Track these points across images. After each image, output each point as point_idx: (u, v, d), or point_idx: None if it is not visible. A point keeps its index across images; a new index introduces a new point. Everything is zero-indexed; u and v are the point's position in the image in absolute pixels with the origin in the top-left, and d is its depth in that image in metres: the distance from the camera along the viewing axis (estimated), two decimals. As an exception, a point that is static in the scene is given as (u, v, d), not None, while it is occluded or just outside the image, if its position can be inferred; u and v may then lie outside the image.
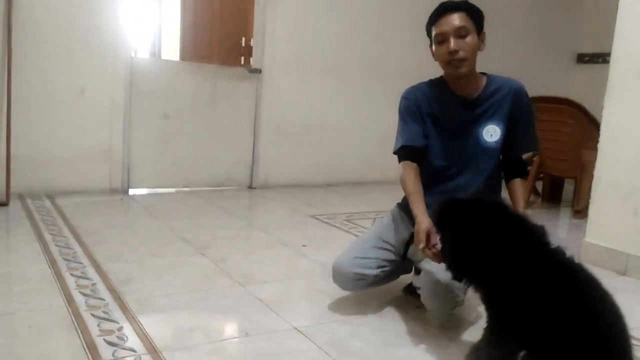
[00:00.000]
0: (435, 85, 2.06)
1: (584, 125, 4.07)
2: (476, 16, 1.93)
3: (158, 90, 4.13)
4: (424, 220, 1.82)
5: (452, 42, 1.88)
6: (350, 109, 4.90)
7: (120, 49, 3.87)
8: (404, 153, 2.03)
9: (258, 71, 4.47)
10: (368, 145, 4.93)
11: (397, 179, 2.03)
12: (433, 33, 1.95)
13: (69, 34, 3.67)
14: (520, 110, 2.01)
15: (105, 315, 1.91)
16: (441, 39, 1.92)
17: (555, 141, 4.27)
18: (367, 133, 4.94)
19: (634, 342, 1.40)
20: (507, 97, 1.99)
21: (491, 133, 1.99)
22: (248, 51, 4.67)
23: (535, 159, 4.69)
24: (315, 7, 4.61)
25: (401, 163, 2.03)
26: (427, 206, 1.87)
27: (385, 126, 5.08)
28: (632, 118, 2.83)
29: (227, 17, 5.66)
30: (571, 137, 4.14)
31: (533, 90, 4.75)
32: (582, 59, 5.99)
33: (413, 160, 2.01)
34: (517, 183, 2.05)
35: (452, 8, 1.91)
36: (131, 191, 4.06)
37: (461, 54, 1.89)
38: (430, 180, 2.01)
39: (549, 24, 5.83)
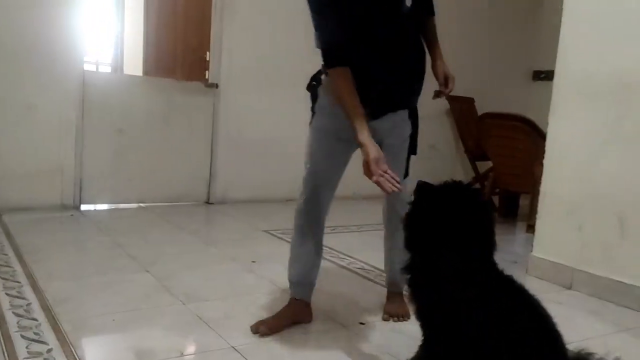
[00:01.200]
0: None
1: (536, 142, 4.14)
2: None
3: (112, 105, 4.07)
4: (372, 149, 1.74)
5: None
6: (307, 122, 4.90)
7: (71, 63, 3.80)
8: (329, 55, 1.88)
9: (215, 85, 4.45)
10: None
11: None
12: None
13: (17, 46, 3.60)
14: None
15: (36, 337, 1.85)
16: None
17: (510, 157, 4.35)
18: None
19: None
20: None
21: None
22: (210, 64, 4.66)
23: (490, 174, 4.76)
24: (272, 19, 4.61)
25: (330, 71, 1.87)
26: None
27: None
28: (574, 135, 2.89)
29: (190, 30, 5.64)
30: (524, 153, 4.21)
31: (491, 107, 4.88)
32: (538, 75, 6.13)
33: (343, 64, 1.83)
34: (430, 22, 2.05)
35: None
36: (84, 207, 3.98)
37: None
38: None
39: (505, 42, 5.95)
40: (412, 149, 2.10)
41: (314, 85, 2.17)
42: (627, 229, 2.66)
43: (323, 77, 2.08)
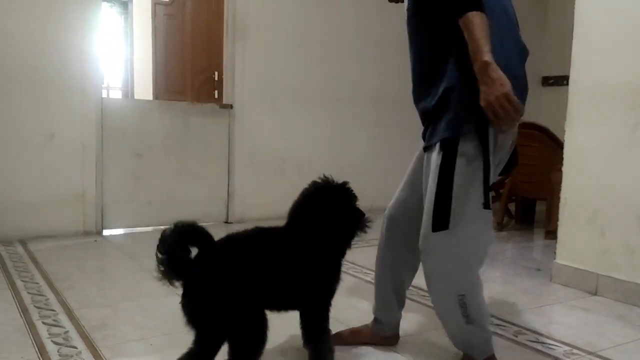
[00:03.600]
0: None
1: (550, 148, 4.17)
2: None
3: (129, 130, 4.14)
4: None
5: None
6: (324, 138, 4.95)
7: (90, 90, 3.88)
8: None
9: (229, 106, 4.52)
10: (344, 173, 4.94)
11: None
12: None
13: (37, 76, 3.68)
14: None
15: (78, 364, 1.89)
16: None
17: (525, 165, 4.35)
18: (343, 161, 4.99)
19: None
20: None
21: None
22: (221, 85, 4.72)
23: (507, 181, 4.78)
24: (284, 38, 4.69)
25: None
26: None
27: (359, 154, 5.17)
28: (592, 142, 2.92)
29: (198, 51, 5.73)
30: (539, 160, 4.23)
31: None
32: (547, 81, 6.16)
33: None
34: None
35: None
36: (106, 232, 4.03)
37: None
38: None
39: (513, 49, 5.99)
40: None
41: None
42: (650, 232, 2.68)
43: None
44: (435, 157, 1.71)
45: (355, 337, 2.11)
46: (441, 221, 1.67)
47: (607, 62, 2.88)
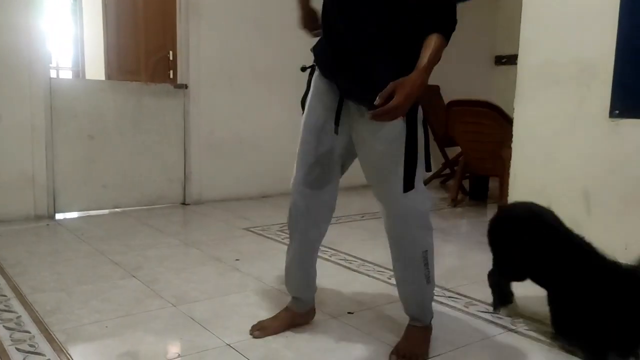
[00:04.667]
0: None
1: (502, 126, 4.27)
2: None
3: (81, 111, 4.03)
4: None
5: None
6: (282, 118, 4.92)
7: (38, 71, 3.75)
8: None
9: (184, 86, 4.45)
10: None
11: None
12: None
13: (-19, 57, 3.54)
14: None
15: (32, 349, 1.86)
16: None
17: (477, 142, 4.47)
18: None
19: None
20: None
21: None
22: (176, 64, 4.64)
23: (460, 159, 4.89)
24: (240, 16, 4.62)
25: None
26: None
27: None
28: (540, 119, 3.01)
29: (151, 30, 5.59)
30: (491, 137, 4.34)
31: (456, 93, 5.00)
32: (500, 60, 6.29)
33: None
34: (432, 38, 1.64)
35: None
36: (58, 216, 3.94)
37: None
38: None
39: (465, 28, 6.02)
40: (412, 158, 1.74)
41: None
42: (592, 205, 2.81)
43: None
44: (397, 122, 1.67)
45: (275, 323, 2.06)
46: (409, 182, 1.72)
47: (554, 41, 2.97)
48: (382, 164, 1.79)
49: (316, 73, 1.92)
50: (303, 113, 1.95)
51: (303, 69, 2.01)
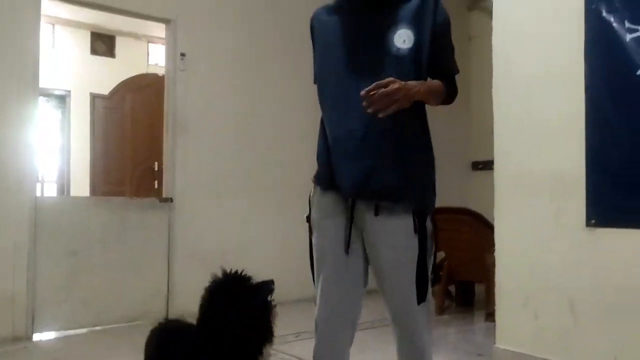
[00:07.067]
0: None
1: (483, 232, 4.35)
2: None
3: (65, 228, 4.03)
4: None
5: None
6: (266, 228, 4.97)
7: (25, 189, 3.79)
8: None
9: (169, 200, 4.50)
10: (287, 262, 4.96)
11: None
12: None
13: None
14: (436, 14, 1.72)
15: None
16: None
17: (459, 249, 4.52)
18: (286, 250, 4.99)
19: None
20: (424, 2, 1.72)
21: (404, 39, 1.69)
22: (161, 175, 4.73)
23: (445, 263, 4.91)
24: (225, 130, 4.78)
25: None
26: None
27: (303, 242, 5.18)
28: (520, 229, 3.09)
29: (138, 143, 5.75)
30: (473, 244, 4.40)
31: (437, 199, 5.10)
32: (477, 166, 6.51)
33: None
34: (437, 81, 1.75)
35: None
36: (37, 336, 3.81)
37: None
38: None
39: (443, 135, 6.30)
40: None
41: None
42: (578, 315, 2.81)
43: None
44: (406, 226, 1.68)
45: None
46: (423, 293, 1.68)
47: (528, 153, 3.10)
48: (391, 273, 1.73)
49: (318, 193, 1.86)
50: (311, 236, 1.85)
51: (308, 219, 1.89)
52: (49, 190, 7.38)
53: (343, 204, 1.77)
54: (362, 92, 1.55)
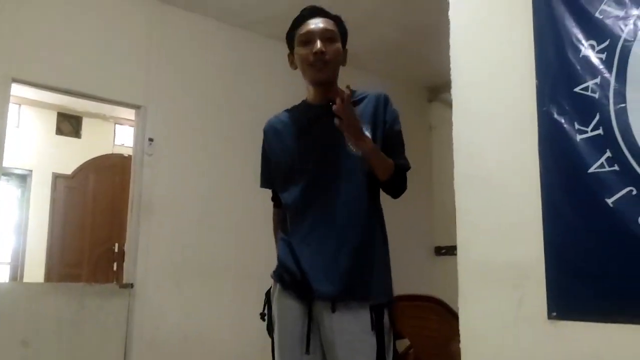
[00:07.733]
0: (295, 107, 2.02)
1: (449, 321, 4.33)
2: (343, 28, 1.93)
3: (16, 317, 3.85)
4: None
5: (319, 43, 1.81)
6: (230, 316, 4.85)
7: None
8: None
9: (130, 285, 4.38)
10: (247, 347, 4.82)
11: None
12: (297, 34, 1.88)
13: None
14: (385, 114, 1.90)
15: None
16: (307, 39, 1.85)
17: (425, 337, 4.49)
18: (247, 336, 4.85)
19: None
20: (371, 102, 1.90)
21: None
22: (121, 257, 4.62)
23: (410, 351, 4.84)
24: (189, 214, 4.75)
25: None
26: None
27: (264, 329, 5.05)
28: (483, 319, 3.08)
29: (98, 224, 5.66)
30: (438, 332, 4.37)
31: (398, 284, 5.08)
32: (440, 251, 6.58)
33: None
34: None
35: (321, 12, 1.89)
36: None
37: (327, 56, 1.82)
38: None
39: (406, 221, 6.43)
40: None
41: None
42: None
43: None
44: (362, 324, 1.74)
45: None
46: None
47: (488, 243, 3.14)
48: None
49: (277, 293, 1.92)
50: (272, 340, 1.91)
51: (262, 316, 2.03)
52: (1, 272, 7.09)
53: (303, 301, 1.81)
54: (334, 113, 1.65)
